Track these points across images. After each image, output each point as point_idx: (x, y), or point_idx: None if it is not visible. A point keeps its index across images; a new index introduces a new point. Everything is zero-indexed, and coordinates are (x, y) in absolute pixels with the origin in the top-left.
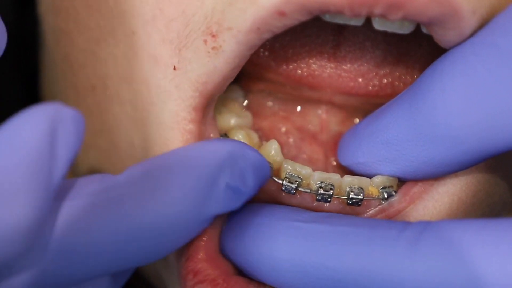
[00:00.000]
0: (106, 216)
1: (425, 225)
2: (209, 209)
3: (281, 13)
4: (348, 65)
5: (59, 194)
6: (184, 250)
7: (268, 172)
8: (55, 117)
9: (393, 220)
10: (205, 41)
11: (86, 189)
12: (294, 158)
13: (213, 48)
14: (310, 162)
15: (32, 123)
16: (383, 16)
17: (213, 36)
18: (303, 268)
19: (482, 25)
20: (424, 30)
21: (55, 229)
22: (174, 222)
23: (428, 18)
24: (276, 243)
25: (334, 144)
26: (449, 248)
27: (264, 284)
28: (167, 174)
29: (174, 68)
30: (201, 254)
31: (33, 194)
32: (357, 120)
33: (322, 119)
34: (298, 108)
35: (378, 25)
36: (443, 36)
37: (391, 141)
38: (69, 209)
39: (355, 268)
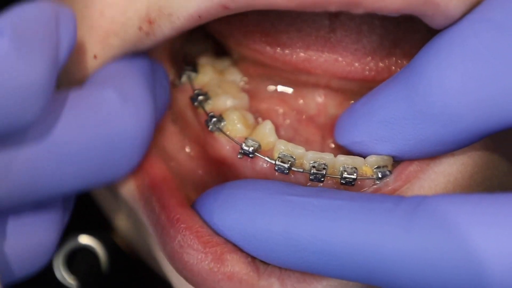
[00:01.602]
0: (96, 128)
1: (421, 199)
2: (157, 116)
3: (225, 7)
4: (345, 50)
5: (56, 97)
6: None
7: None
8: (56, 7)
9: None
10: (140, 28)
11: (79, 102)
12: (291, 140)
13: (146, 33)
14: (307, 144)
15: (39, 7)
16: (344, 11)
17: (150, 22)
18: (297, 242)
19: (474, 2)
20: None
21: (52, 128)
22: (143, 125)
23: (395, 10)
24: (269, 216)
25: (332, 127)
26: (446, 222)
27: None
28: (131, 90)
29: (95, 57)
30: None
31: (48, 60)
32: None
33: (319, 102)
34: (296, 92)
35: None
36: (431, 22)
37: (388, 120)
38: (64, 117)
39: (349, 241)
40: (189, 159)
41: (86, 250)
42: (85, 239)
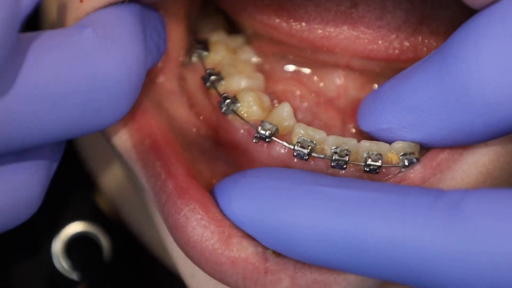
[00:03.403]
0: (71, 68)
1: (464, 193)
2: (147, 61)
3: None
4: (367, 27)
5: (23, 43)
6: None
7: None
8: None
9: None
10: None
11: (50, 41)
12: (309, 124)
13: None
14: (326, 129)
15: None
16: None
17: None
18: (327, 237)
19: None
20: None
21: (20, 73)
22: (128, 66)
23: None
24: (296, 208)
25: (353, 111)
26: (492, 220)
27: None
28: (115, 30)
29: (81, 0)
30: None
31: (5, 6)
32: (376, 86)
33: (339, 84)
34: (314, 72)
35: None
36: None
37: (418, 106)
38: (32, 58)
39: (384, 237)
40: (193, 131)
41: (87, 238)
42: (84, 227)
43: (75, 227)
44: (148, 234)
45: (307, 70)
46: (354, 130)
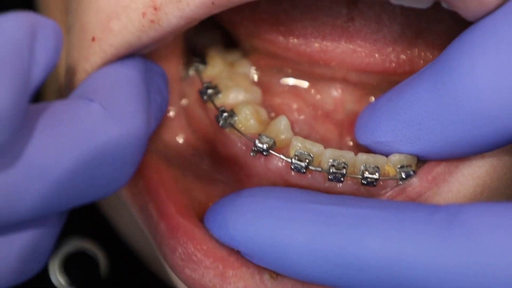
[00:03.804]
0: (78, 146)
1: (458, 208)
2: (150, 128)
3: None
4: (363, 40)
5: (31, 117)
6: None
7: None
8: (36, 23)
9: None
10: (144, 14)
11: (57, 116)
12: (306, 137)
13: (151, 21)
14: (324, 142)
15: (12, 22)
16: None
17: (156, 9)
18: (323, 254)
19: None
20: (444, 5)
21: (27, 147)
22: (133, 147)
23: None
24: (292, 226)
25: (350, 124)
26: (488, 235)
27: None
28: (121, 103)
29: (93, 39)
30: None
31: (12, 86)
32: (373, 99)
33: (336, 97)
34: (311, 86)
35: None
36: (463, 10)
37: (415, 120)
38: (39, 137)
39: (381, 255)
40: (191, 151)
41: (84, 254)
42: (83, 243)
43: (72, 243)
44: (145, 250)
45: (304, 84)
46: (351, 143)
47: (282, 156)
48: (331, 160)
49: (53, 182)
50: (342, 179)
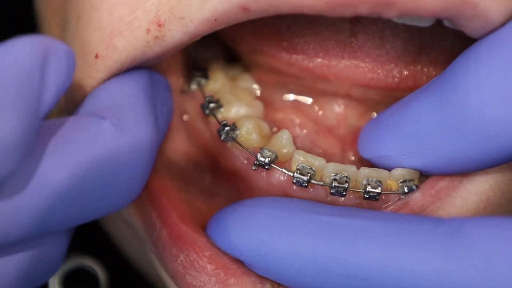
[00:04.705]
0: (90, 166)
1: (462, 222)
2: (159, 140)
3: (245, 9)
4: (366, 56)
5: (42, 136)
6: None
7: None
8: (48, 47)
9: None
10: (148, 31)
11: (69, 135)
12: (308, 152)
13: (155, 37)
14: (326, 156)
15: (24, 47)
16: (375, 15)
17: (160, 25)
18: (325, 265)
19: None
20: (446, 23)
21: (37, 172)
22: (143, 162)
23: (432, 13)
24: (294, 236)
25: (353, 139)
26: (490, 249)
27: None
28: (130, 119)
29: (96, 56)
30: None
31: (22, 114)
32: (375, 115)
33: (339, 112)
34: (314, 101)
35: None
36: (468, 27)
37: (418, 134)
38: (51, 157)
39: (383, 266)
40: (192, 165)
41: (84, 271)
42: (83, 259)
43: (72, 260)
44: (145, 267)
45: (306, 99)
46: (353, 158)
47: (284, 170)
48: (333, 174)
49: (65, 202)
50: (344, 193)
